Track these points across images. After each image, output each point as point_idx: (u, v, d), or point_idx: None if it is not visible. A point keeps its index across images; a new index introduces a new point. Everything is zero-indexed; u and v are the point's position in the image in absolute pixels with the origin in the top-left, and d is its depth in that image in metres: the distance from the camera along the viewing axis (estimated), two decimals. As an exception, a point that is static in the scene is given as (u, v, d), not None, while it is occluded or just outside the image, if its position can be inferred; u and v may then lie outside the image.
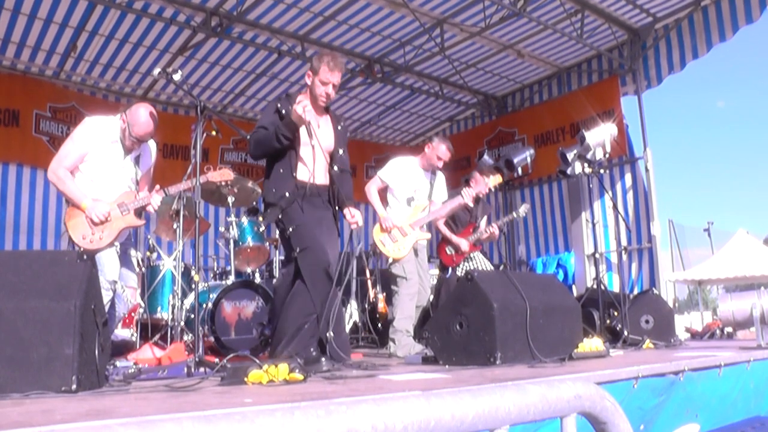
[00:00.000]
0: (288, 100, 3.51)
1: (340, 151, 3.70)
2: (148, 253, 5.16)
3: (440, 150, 4.84)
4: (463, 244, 5.44)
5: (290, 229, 3.46)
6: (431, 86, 8.91)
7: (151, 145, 3.81)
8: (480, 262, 5.55)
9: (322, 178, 3.62)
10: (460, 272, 5.39)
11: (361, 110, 9.68)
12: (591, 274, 7.67)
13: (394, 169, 4.83)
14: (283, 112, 3.35)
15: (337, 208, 3.70)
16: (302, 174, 3.53)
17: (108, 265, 3.40)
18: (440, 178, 5.01)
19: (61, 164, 3.45)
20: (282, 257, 5.30)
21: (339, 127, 3.73)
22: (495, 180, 5.16)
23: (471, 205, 5.06)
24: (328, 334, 3.29)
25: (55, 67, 7.36)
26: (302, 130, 3.44)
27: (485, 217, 5.71)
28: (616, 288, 7.70)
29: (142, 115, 3.50)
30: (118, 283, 3.45)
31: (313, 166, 3.55)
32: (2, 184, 7.05)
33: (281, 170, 3.51)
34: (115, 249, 3.50)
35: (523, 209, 5.81)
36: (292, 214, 3.47)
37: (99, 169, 3.51)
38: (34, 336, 2.09)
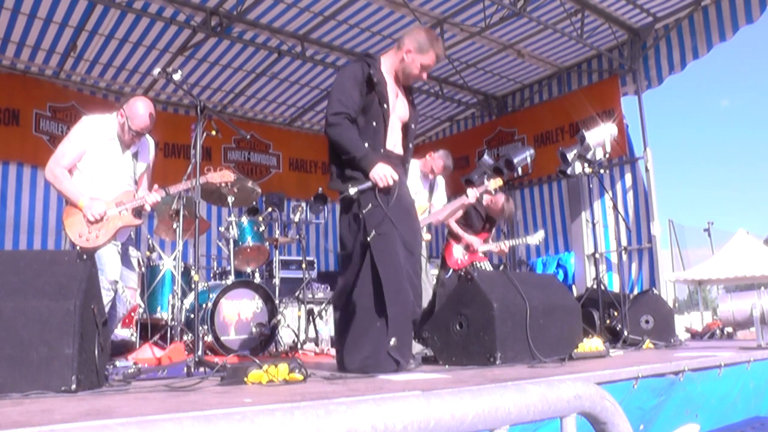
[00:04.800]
0: (371, 64, 3.20)
1: (412, 126, 3.42)
2: (147, 253, 5.16)
3: (436, 164, 5.06)
4: (476, 241, 5.48)
5: (368, 207, 3.02)
6: (431, 86, 8.90)
7: (149, 140, 3.80)
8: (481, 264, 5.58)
9: (399, 149, 3.32)
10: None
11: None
12: (591, 274, 7.67)
13: None
14: (362, 158, 3.04)
15: None
16: (389, 141, 3.19)
17: (109, 264, 3.40)
18: (440, 182, 5.07)
19: (58, 163, 3.45)
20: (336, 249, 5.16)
21: (413, 101, 3.46)
22: (495, 183, 5.19)
23: (473, 201, 5.10)
24: (392, 341, 2.91)
25: (54, 66, 7.36)
26: (392, 104, 3.20)
27: (494, 229, 5.87)
28: (616, 288, 7.70)
29: (140, 108, 3.50)
30: (119, 284, 3.45)
31: (392, 134, 3.23)
32: (2, 183, 7.06)
33: (368, 130, 3.13)
34: (116, 249, 3.50)
35: (538, 237, 5.90)
36: (372, 192, 3.05)
37: (98, 167, 3.51)
38: (34, 336, 2.09)
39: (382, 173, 3.02)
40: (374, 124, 3.14)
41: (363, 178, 3.06)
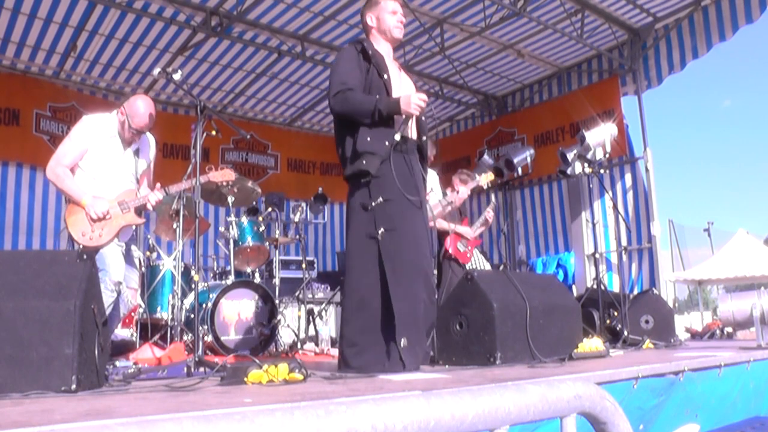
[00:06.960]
0: (362, 41, 3.17)
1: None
2: (147, 253, 5.17)
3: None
4: (468, 231, 5.47)
5: (378, 200, 2.90)
6: (431, 86, 8.90)
7: (150, 138, 3.82)
8: (480, 262, 5.56)
9: (414, 132, 3.20)
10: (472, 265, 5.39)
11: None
12: (591, 274, 7.67)
13: None
14: (380, 102, 2.94)
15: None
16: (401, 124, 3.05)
17: (113, 265, 3.40)
18: (431, 175, 5.03)
19: (59, 162, 3.45)
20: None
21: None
22: (487, 177, 5.14)
23: (465, 197, 5.07)
24: (401, 341, 2.81)
25: (55, 66, 7.36)
26: (394, 79, 3.12)
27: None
28: (616, 288, 7.70)
29: (141, 106, 3.51)
30: (122, 284, 3.45)
31: (405, 117, 3.05)
32: (2, 183, 7.05)
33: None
34: (120, 249, 3.51)
35: (486, 178, 5.60)
36: (384, 181, 2.93)
37: (100, 165, 3.51)
38: (33, 336, 2.09)
39: (412, 103, 2.92)
40: (377, 97, 3.06)
41: (378, 149, 2.94)
